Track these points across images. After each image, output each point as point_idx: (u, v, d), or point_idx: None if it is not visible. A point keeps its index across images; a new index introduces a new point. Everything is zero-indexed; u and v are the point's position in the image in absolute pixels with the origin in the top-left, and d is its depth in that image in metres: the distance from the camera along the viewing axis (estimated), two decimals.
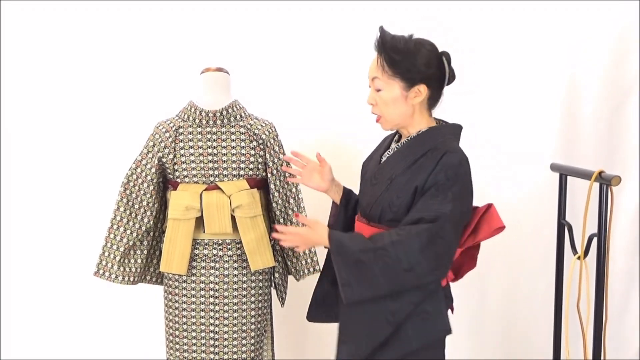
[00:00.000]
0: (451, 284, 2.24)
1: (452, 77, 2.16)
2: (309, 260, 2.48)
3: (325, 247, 2.08)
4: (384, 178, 2.12)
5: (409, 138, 2.14)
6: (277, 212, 2.51)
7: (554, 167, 2.86)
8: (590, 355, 2.58)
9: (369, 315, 2.05)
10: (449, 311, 2.22)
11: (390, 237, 1.98)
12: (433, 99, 2.14)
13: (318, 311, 2.31)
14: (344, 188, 2.29)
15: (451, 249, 2.02)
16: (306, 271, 2.48)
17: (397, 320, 2.03)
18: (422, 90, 2.09)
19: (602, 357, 2.55)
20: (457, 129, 2.20)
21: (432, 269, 1.99)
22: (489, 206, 2.18)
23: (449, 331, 2.10)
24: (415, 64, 2.08)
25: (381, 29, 2.10)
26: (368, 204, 2.15)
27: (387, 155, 2.19)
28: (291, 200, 2.52)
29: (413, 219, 2.00)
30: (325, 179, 2.24)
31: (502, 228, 2.14)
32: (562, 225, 2.79)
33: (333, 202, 2.30)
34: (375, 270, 1.98)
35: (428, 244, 1.96)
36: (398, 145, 2.17)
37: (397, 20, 3.06)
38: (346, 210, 2.27)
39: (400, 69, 2.06)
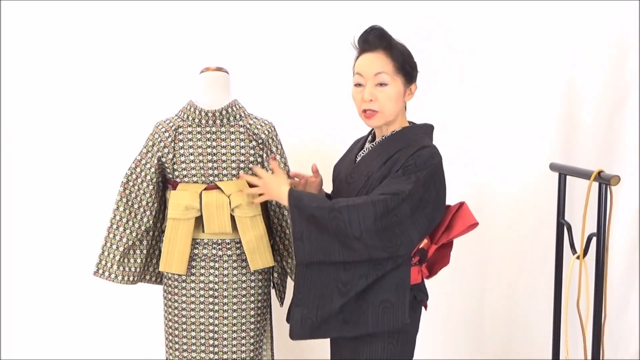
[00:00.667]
0: (449, 283, 2.26)
1: None
2: None
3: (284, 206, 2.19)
4: (361, 176, 2.19)
5: (383, 137, 2.22)
6: (272, 213, 2.51)
7: (553, 167, 2.87)
8: (589, 354, 2.58)
9: (321, 281, 2.11)
10: (422, 308, 2.28)
11: (346, 201, 2.05)
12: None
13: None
14: (326, 193, 2.38)
15: (407, 232, 2.05)
16: (293, 261, 2.47)
17: (348, 292, 2.08)
18: (413, 89, 2.21)
19: (600, 357, 2.55)
20: (429, 128, 2.26)
21: (382, 244, 2.03)
22: (461, 204, 2.24)
23: (406, 322, 2.12)
24: (411, 62, 2.19)
25: (378, 27, 2.16)
26: None
27: (362, 154, 2.26)
28: None
29: (375, 194, 2.06)
30: (317, 189, 2.32)
31: (475, 225, 2.21)
32: (562, 225, 2.80)
33: None
34: (328, 229, 2.04)
35: (382, 215, 2.01)
36: (373, 144, 2.24)
37: (397, 20, 3.08)
38: None
39: (406, 66, 2.16)
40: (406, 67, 2.16)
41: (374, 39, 2.14)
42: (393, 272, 2.11)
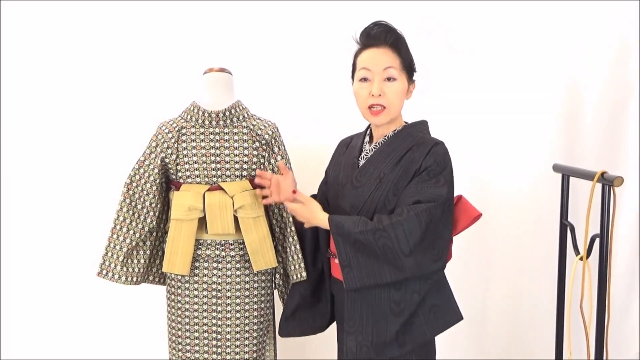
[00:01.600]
0: (453, 284, 2.25)
1: None
2: (296, 266, 2.46)
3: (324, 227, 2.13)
4: (371, 178, 2.14)
5: (387, 137, 2.18)
6: (271, 214, 2.51)
7: (556, 168, 2.87)
8: (592, 355, 2.58)
9: (373, 305, 2.06)
10: None
11: (389, 218, 2.00)
12: None
13: (289, 325, 2.38)
14: (313, 195, 2.36)
15: (443, 235, 2.05)
16: (294, 277, 2.46)
17: (402, 311, 2.04)
18: (411, 88, 2.20)
19: (604, 358, 2.55)
20: (426, 124, 2.26)
21: (430, 255, 2.01)
22: (460, 197, 2.21)
23: (460, 318, 2.14)
24: (412, 59, 2.18)
25: (384, 22, 2.16)
26: (353, 206, 2.16)
27: (366, 157, 2.21)
28: None
29: (409, 202, 2.02)
30: (293, 186, 2.26)
31: (479, 216, 2.18)
32: (565, 226, 2.80)
33: None
34: (376, 252, 1.99)
35: (427, 225, 1.98)
36: (376, 145, 2.19)
37: (397, 20, 3.07)
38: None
39: (408, 63, 2.15)
40: (411, 65, 2.16)
41: (381, 34, 2.12)
42: (435, 277, 2.09)
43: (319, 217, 2.13)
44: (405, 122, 2.26)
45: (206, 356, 2.46)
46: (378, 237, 1.97)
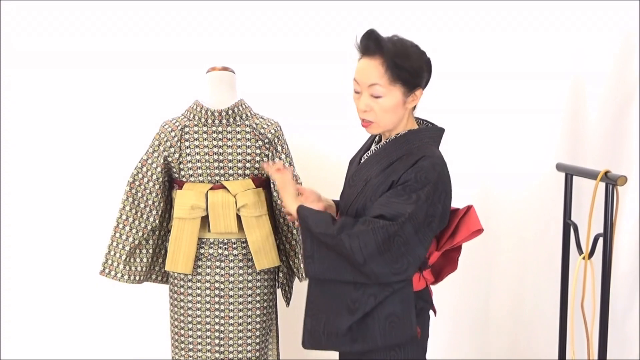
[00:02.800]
0: (456, 283, 2.24)
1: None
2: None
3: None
4: (360, 180, 2.11)
5: (387, 141, 2.12)
6: (278, 212, 2.51)
7: (559, 167, 2.86)
8: (595, 355, 2.58)
9: (332, 295, 2.06)
10: (432, 313, 2.23)
11: (349, 228, 1.97)
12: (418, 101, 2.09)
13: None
14: (335, 201, 2.28)
15: (413, 251, 1.98)
16: (303, 275, 2.46)
17: (356, 309, 2.03)
18: (418, 94, 2.05)
19: (607, 357, 2.55)
20: (438, 132, 2.14)
21: (390, 268, 1.97)
22: (469, 208, 2.14)
23: (414, 336, 2.07)
24: (416, 68, 2.02)
25: (373, 31, 2.01)
26: (345, 204, 2.15)
27: (366, 156, 2.17)
28: None
29: (374, 214, 1.98)
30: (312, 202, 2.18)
31: (480, 231, 2.12)
32: (568, 225, 2.79)
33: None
34: (333, 255, 2.00)
35: (383, 243, 1.95)
36: (377, 147, 2.15)
37: (397, 20, 3.08)
38: None
39: (404, 74, 1.99)
40: (403, 76, 1.99)
41: (370, 44, 1.99)
42: (397, 286, 2.06)
43: (289, 205, 2.10)
44: (423, 123, 2.17)
45: (209, 355, 2.46)
46: (335, 243, 1.97)
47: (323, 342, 2.07)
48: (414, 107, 2.10)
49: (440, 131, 2.14)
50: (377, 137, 2.22)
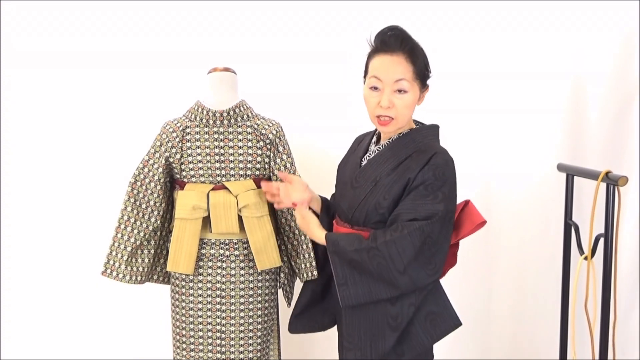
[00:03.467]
0: (457, 283, 2.25)
1: None
2: (307, 265, 2.46)
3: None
4: (367, 181, 2.12)
5: (390, 140, 2.13)
6: (280, 213, 2.51)
7: (560, 168, 2.86)
8: (597, 355, 2.58)
9: (370, 320, 2.06)
10: None
11: (384, 236, 1.98)
12: None
13: (298, 322, 2.35)
14: (321, 196, 2.34)
15: (442, 249, 2.02)
16: (304, 275, 2.46)
17: (399, 325, 2.03)
18: (425, 93, 2.12)
19: (609, 358, 2.55)
20: (435, 130, 2.19)
21: (425, 271, 1.99)
22: (467, 202, 2.18)
23: (458, 324, 2.11)
24: (427, 65, 2.09)
25: (398, 27, 2.06)
26: (350, 207, 2.15)
27: (368, 157, 2.18)
28: None
29: (406, 218, 1.99)
30: (302, 190, 2.25)
31: (483, 223, 2.15)
32: (569, 226, 2.80)
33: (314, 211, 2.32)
34: (370, 270, 1.99)
35: (421, 244, 1.96)
36: (379, 147, 2.16)
37: (397, 20, 3.06)
38: (328, 215, 2.31)
39: (422, 71, 2.06)
40: (425, 73, 2.07)
41: (394, 42, 2.02)
42: (429, 286, 2.08)
43: (315, 234, 2.14)
44: (416, 122, 2.21)
45: (210, 355, 2.46)
46: (372, 255, 1.97)
47: None
48: None
49: (437, 128, 2.20)
50: (373, 139, 2.23)
